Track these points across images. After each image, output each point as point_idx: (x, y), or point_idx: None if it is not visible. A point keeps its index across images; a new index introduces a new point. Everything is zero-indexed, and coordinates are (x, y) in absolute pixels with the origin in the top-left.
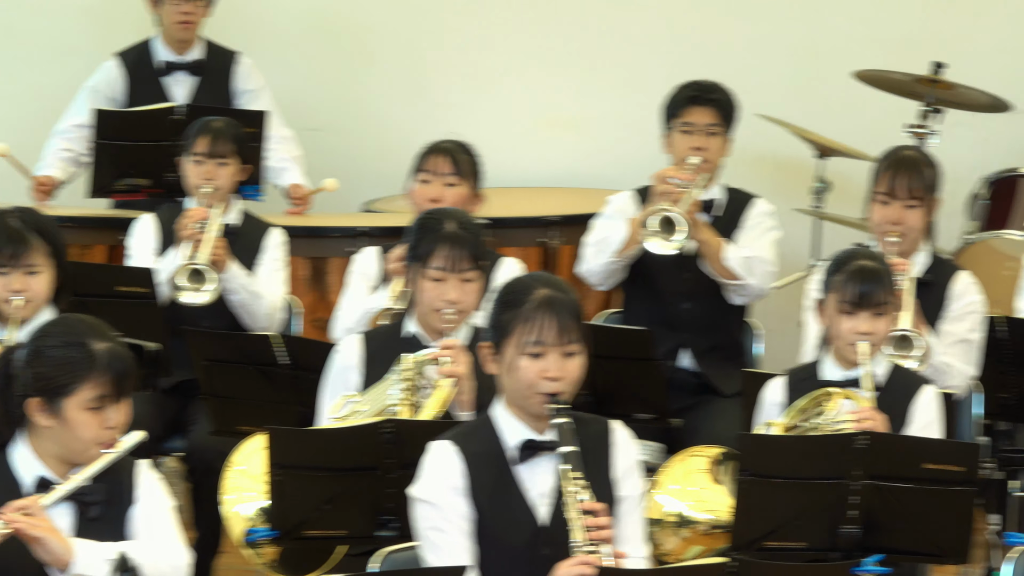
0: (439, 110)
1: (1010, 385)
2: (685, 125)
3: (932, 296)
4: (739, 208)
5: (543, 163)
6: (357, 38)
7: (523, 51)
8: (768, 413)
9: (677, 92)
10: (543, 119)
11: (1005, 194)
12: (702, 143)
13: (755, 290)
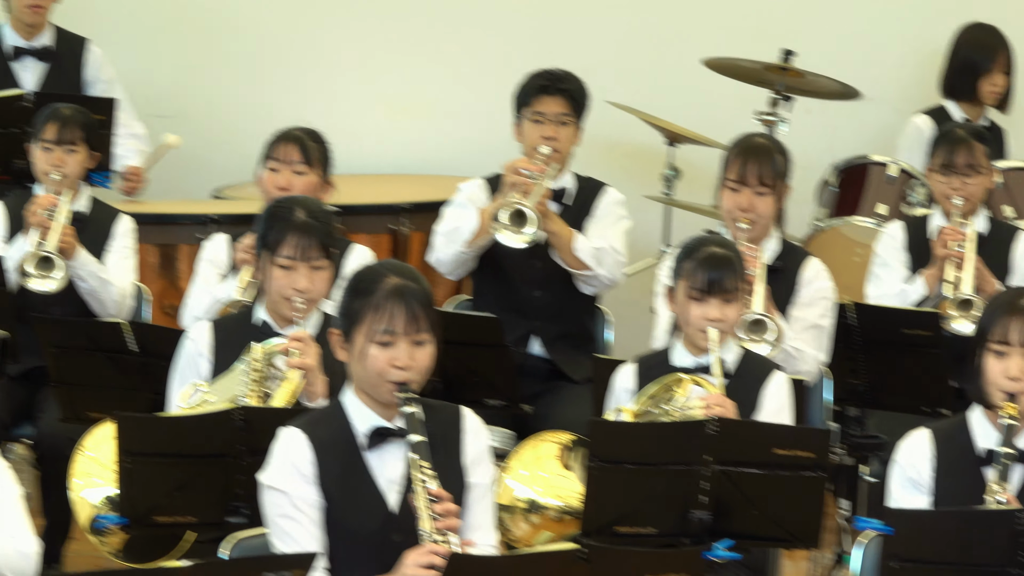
0: (289, 97)
1: (860, 371)
2: (536, 114)
3: (782, 282)
4: (590, 197)
5: (393, 150)
6: (207, 25)
7: (373, 38)
8: (618, 399)
9: (528, 81)
10: (392, 106)
11: (854, 181)
12: (553, 132)
13: (605, 280)
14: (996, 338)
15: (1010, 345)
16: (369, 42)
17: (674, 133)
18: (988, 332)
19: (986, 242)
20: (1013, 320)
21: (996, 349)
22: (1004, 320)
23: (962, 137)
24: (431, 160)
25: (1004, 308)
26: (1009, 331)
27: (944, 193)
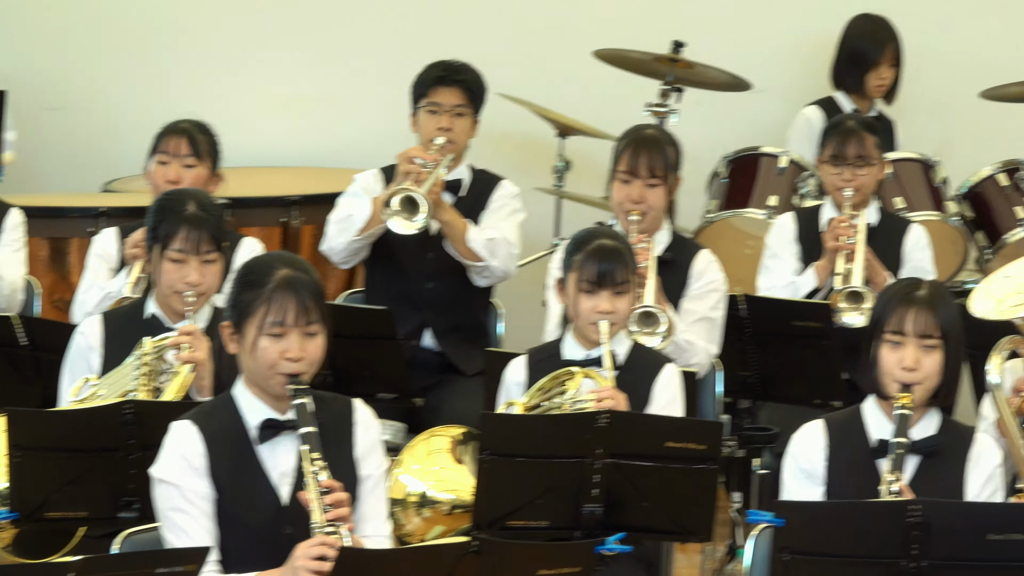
0: (178, 89)
1: (751, 363)
2: (432, 105)
3: (673, 275)
4: (485, 189)
5: (283, 142)
6: (95, 16)
7: (263, 29)
8: (510, 392)
9: (425, 72)
10: (282, 98)
11: (745, 173)
12: (448, 123)
13: (498, 272)
14: (891, 328)
15: (905, 335)
16: (259, 33)
17: (564, 125)
18: (883, 322)
19: (877, 234)
20: (909, 311)
21: (891, 339)
22: (900, 311)
23: (852, 128)
24: (322, 152)
25: (899, 299)
26: (904, 322)
27: (835, 184)
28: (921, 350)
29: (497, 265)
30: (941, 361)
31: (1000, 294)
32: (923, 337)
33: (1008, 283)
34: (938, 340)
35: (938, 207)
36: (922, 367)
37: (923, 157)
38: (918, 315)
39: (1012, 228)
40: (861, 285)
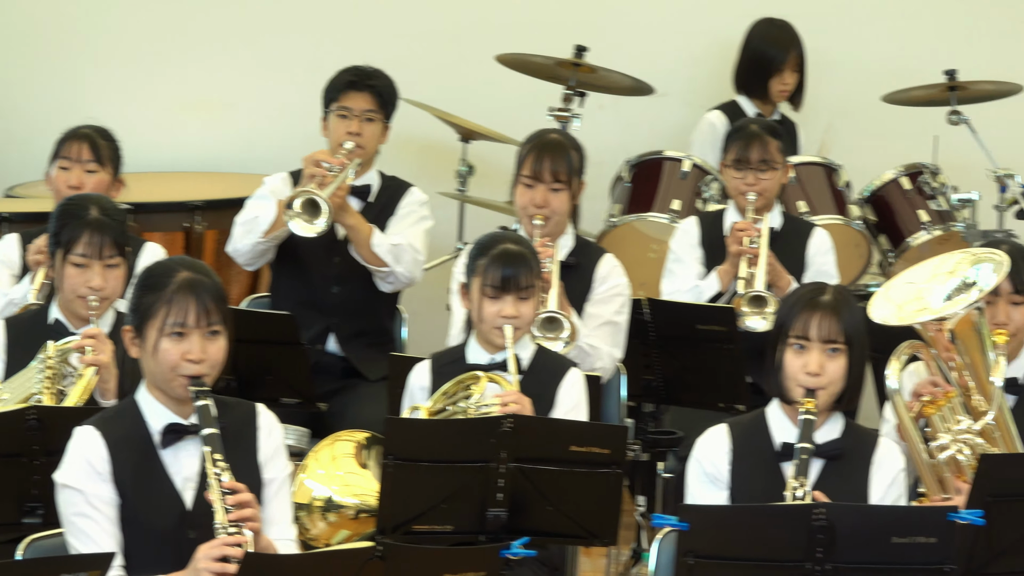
0: (79, 94)
1: (655, 367)
2: (342, 110)
3: (577, 279)
4: (394, 195)
5: (187, 147)
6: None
7: (166, 33)
8: (414, 397)
9: (337, 77)
10: (186, 102)
11: (648, 177)
12: (358, 128)
13: (403, 278)
14: (796, 333)
15: (809, 341)
16: (162, 37)
17: (467, 129)
18: (788, 327)
19: (780, 238)
20: (813, 316)
21: (796, 344)
22: (804, 316)
23: (755, 132)
24: (225, 157)
25: (804, 304)
26: (809, 327)
27: (737, 188)
28: (825, 355)
29: (402, 271)
30: (845, 366)
31: (900, 299)
32: (827, 342)
33: (908, 289)
34: (842, 345)
35: (841, 211)
36: (826, 372)
37: (826, 161)
38: (822, 320)
39: (915, 231)
40: (764, 289)
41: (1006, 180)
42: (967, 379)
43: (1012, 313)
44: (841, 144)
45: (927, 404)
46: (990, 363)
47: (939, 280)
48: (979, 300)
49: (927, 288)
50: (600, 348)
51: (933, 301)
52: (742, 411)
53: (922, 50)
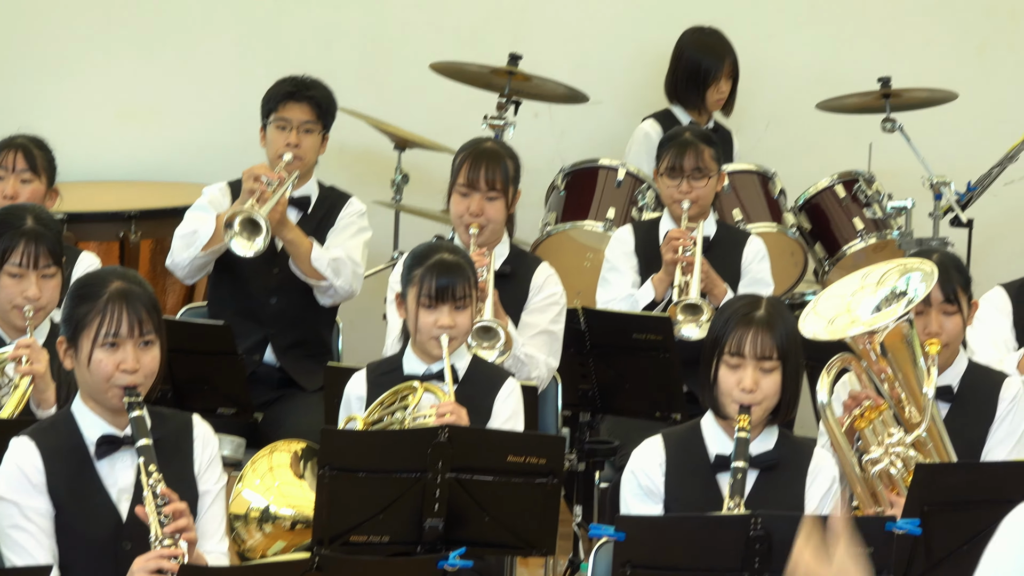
0: (12, 103)
1: (591, 376)
2: (281, 120)
3: (513, 288)
4: (333, 207)
5: (122, 156)
6: None
7: (100, 40)
8: (350, 407)
9: (275, 87)
10: (121, 111)
11: (583, 185)
12: (296, 139)
13: (342, 292)
14: (731, 350)
15: (744, 357)
16: (95, 44)
17: (402, 138)
18: (722, 343)
19: (715, 246)
20: (747, 332)
21: (730, 361)
22: (738, 332)
23: (688, 141)
24: (161, 166)
25: (738, 319)
26: (743, 343)
27: (671, 197)
28: (759, 372)
29: (341, 285)
30: (779, 381)
31: (830, 314)
32: (762, 359)
33: (837, 302)
34: (776, 361)
35: (776, 219)
36: (760, 388)
37: (761, 169)
38: (756, 337)
39: (850, 239)
40: (698, 298)
41: (941, 188)
42: (899, 391)
43: (944, 323)
44: (776, 152)
45: (858, 417)
46: (922, 374)
47: (868, 292)
48: (909, 311)
49: (855, 300)
50: (536, 357)
51: (862, 313)
52: (679, 420)
53: (855, 57)
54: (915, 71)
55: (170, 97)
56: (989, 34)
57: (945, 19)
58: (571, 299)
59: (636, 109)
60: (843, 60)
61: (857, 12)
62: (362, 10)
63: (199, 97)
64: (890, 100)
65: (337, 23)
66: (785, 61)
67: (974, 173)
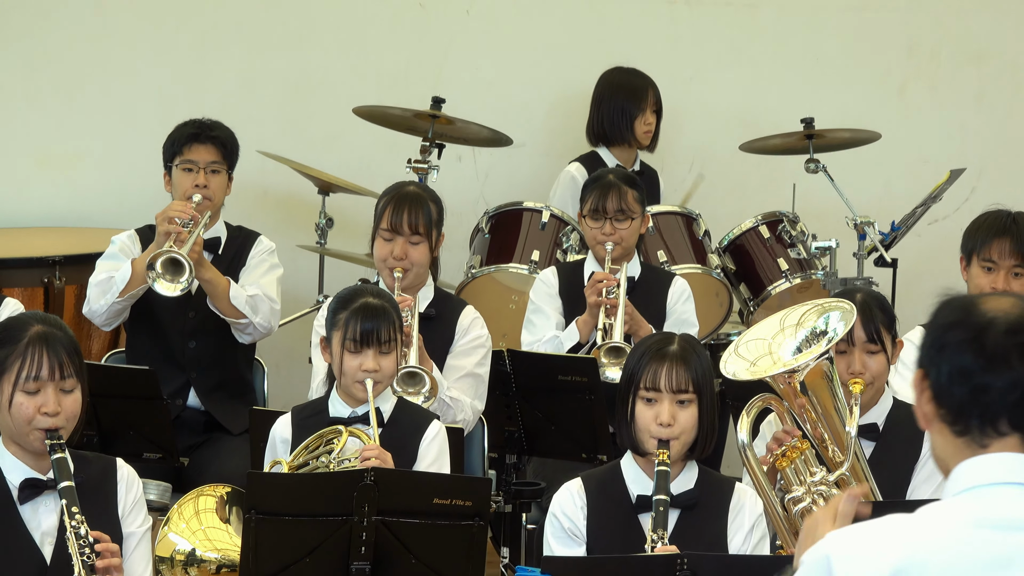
0: None
1: (516, 418)
2: (187, 163)
3: (438, 331)
4: (242, 246)
5: (43, 202)
6: None
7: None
8: (276, 451)
9: (178, 130)
10: (40, 156)
11: (508, 228)
12: (204, 180)
13: (261, 328)
14: (646, 384)
15: (659, 391)
16: (16, 91)
17: (326, 182)
18: (637, 379)
19: (639, 287)
20: (662, 367)
21: (646, 396)
22: (653, 367)
23: (611, 183)
24: (83, 212)
25: (652, 354)
26: (658, 378)
27: (595, 238)
28: (676, 405)
29: (260, 322)
30: (696, 415)
31: (751, 356)
32: (677, 392)
33: (758, 344)
34: (692, 394)
35: (701, 260)
36: (678, 422)
37: (685, 210)
38: (671, 370)
39: (776, 280)
40: (622, 340)
41: (865, 227)
42: (821, 430)
43: (868, 362)
44: (699, 193)
45: (780, 457)
46: (844, 412)
47: (788, 333)
48: (828, 350)
49: (776, 343)
50: (462, 400)
51: (784, 354)
52: (604, 461)
53: (778, 98)
54: (837, 111)
55: (91, 143)
56: (910, 74)
57: (866, 59)
58: (496, 341)
59: (559, 151)
60: (766, 101)
61: (778, 53)
62: (284, 55)
63: (120, 143)
64: (813, 141)
65: (259, 68)
66: (707, 102)
67: (898, 213)
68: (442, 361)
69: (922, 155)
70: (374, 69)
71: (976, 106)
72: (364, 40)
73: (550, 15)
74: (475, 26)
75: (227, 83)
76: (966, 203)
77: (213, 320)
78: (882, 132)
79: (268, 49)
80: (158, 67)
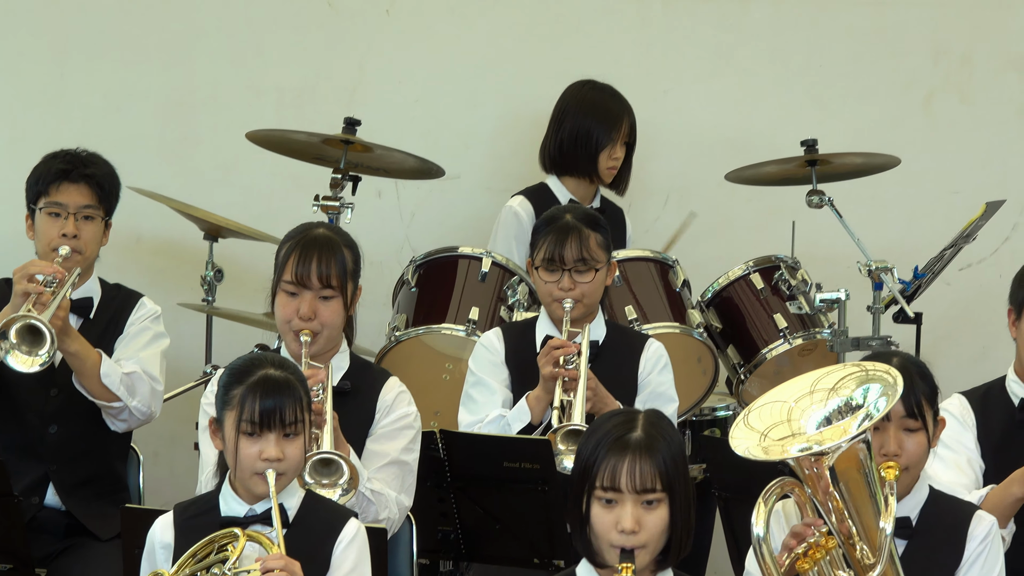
0: None
1: (453, 515)
2: (54, 206)
3: (356, 409)
4: (120, 309)
5: None
6: None
7: None
8: (155, 560)
9: (43, 165)
10: None
11: (440, 280)
12: (75, 229)
13: (139, 414)
14: (604, 483)
15: (620, 492)
16: None
17: (213, 225)
18: (593, 475)
19: (605, 353)
20: (622, 461)
21: (604, 497)
22: (611, 461)
23: (570, 225)
24: None
25: (609, 444)
26: (618, 475)
27: (550, 294)
28: (641, 507)
29: (137, 406)
30: (666, 517)
31: (765, 424)
32: (642, 492)
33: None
34: (661, 493)
35: (679, 317)
36: (644, 528)
37: (659, 256)
38: (633, 465)
39: (772, 340)
40: (583, 422)
41: (881, 275)
42: (849, 524)
43: (905, 441)
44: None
45: (801, 557)
46: (879, 504)
47: (817, 399)
48: (866, 430)
49: (799, 408)
50: (385, 494)
51: (807, 426)
52: (562, 567)
53: (773, 116)
54: (847, 132)
55: None
56: (937, 84)
57: (883, 66)
58: (427, 421)
59: (503, 185)
60: (758, 120)
61: (774, 59)
62: (162, 69)
63: None
64: (817, 168)
65: (131, 85)
66: (686, 122)
67: (922, 256)
68: (360, 446)
69: (952, 184)
70: (273, 84)
71: (1018, 123)
72: (261, 49)
73: (492, 15)
74: (398, 30)
75: (91, 103)
76: (1007, 243)
77: (80, 400)
78: (902, 156)
79: (143, 62)
80: (10, 88)
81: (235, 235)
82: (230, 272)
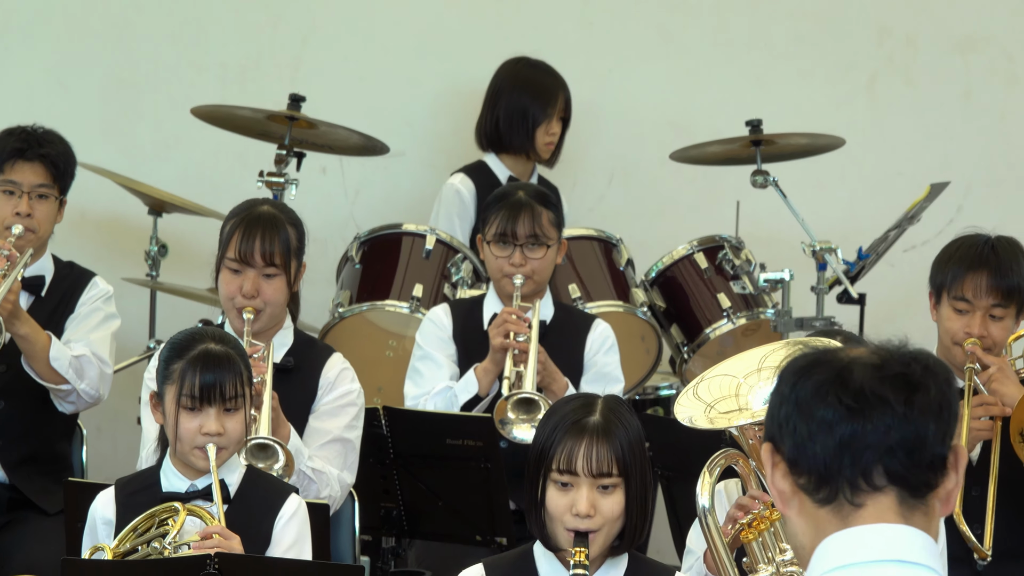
0: None
1: (396, 492)
2: (7, 184)
3: (298, 386)
4: (72, 288)
5: None
6: None
7: None
8: (97, 534)
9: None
10: None
11: (384, 256)
12: (28, 208)
13: (87, 396)
14: (560, 466)
15: (577, 475)
16: None
17: (157, 200)
18: (549, 458)
19: (552, 333)
20: (579, 445)
21: (560, 479)
22: (568, 444)
23: (523, 201)
24: None
25: (567, 428)
26: (574, 459)
27: (501, 270)
28: (597, 491)
29: (86, 388)
30: (623, 501)
31: (712, 396)
32: (598, 476)
33: (723, 383)
34: (617, 478)
35: (622, 296)
36: (599, 511)
37: (602, 234)
38: (590, 449)
39: (715, 320)
40: (534, 391)
41: (825, 255)
42: None
43: None
44: (621, 213)
45: (746, 528)
46: None
47: (765, 376)
48: None
49: (748, 384)
50: (327, 472)
51: (754, 401)
52: (504, 546)
53: (717, 96)
54: (791, 112)
55: None
56: (881, 65)
57: (827, 47)
58: (370, 398)
59: (447, 162)
60: (702, 99)
61: (719, 39)
62: (104, 43)
63: None
64: (761, 148)
65: (73, 59)
66: (630, 101)
67: (866, 237)
68: (303, 423)
69: (896, 166)
70: (216, 60)
71: (962, 105)
72: (203, 25)
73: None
74: (341, 5)
75: (32, 79)
76: (950, 224)
77: (27, 379)
78: (847, 137)
79: (85, 36)
80: None
81: (179, 210)
82: (174, 247)
